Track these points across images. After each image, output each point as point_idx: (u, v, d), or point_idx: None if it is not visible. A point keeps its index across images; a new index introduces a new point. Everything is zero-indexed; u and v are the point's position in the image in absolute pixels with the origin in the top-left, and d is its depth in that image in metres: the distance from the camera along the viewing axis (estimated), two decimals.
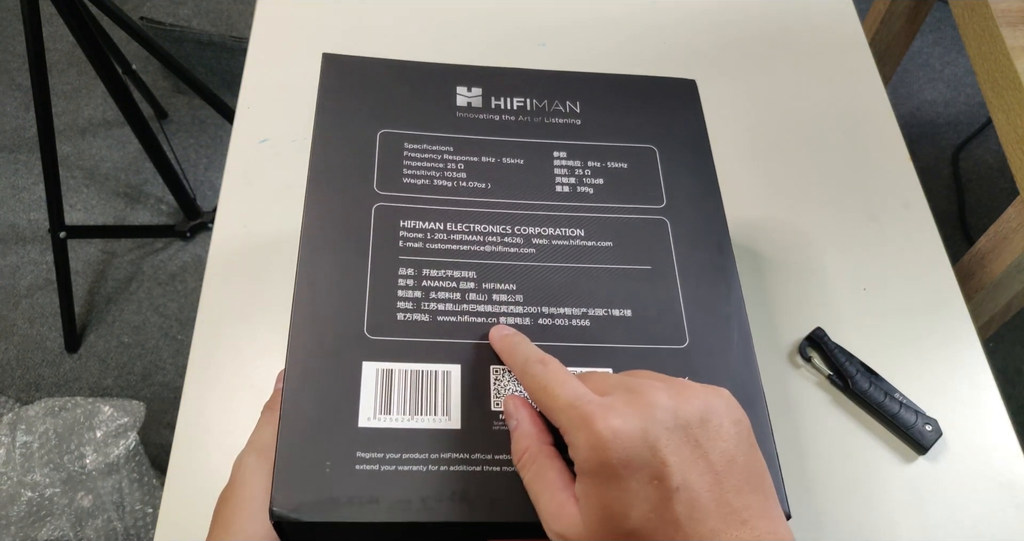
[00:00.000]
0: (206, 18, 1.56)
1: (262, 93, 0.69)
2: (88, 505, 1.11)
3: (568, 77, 0.51)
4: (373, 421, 0.37)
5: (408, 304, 0.40)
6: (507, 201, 0.45)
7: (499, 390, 0.38)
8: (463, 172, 0.45)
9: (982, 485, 0.52)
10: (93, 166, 1.60)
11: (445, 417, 0.37)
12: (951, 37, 1.81)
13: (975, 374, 0.56)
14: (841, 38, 0.75)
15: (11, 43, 1.78)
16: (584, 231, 0.44)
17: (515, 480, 0.36)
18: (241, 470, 0.39)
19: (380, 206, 0.43)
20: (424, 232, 0.43)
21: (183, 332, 1.40)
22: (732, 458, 0.31)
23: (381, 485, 0.35)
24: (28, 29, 1.08)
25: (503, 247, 0.43)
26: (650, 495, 0.30)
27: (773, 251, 0.61)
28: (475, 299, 0.41)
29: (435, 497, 0.35)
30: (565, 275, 0.43)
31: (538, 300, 0.41)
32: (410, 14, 0.75)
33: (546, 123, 0.48)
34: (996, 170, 1.61)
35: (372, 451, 0.36)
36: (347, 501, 0.34)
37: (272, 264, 0.59)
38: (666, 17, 0.76)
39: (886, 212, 0.64)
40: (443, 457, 0.36)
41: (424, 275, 0.41)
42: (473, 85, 0.49)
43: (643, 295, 0.42)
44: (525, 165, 0.46)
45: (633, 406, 0.31)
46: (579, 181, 0.46)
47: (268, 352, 0.55)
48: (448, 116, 0.48)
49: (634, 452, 0.30)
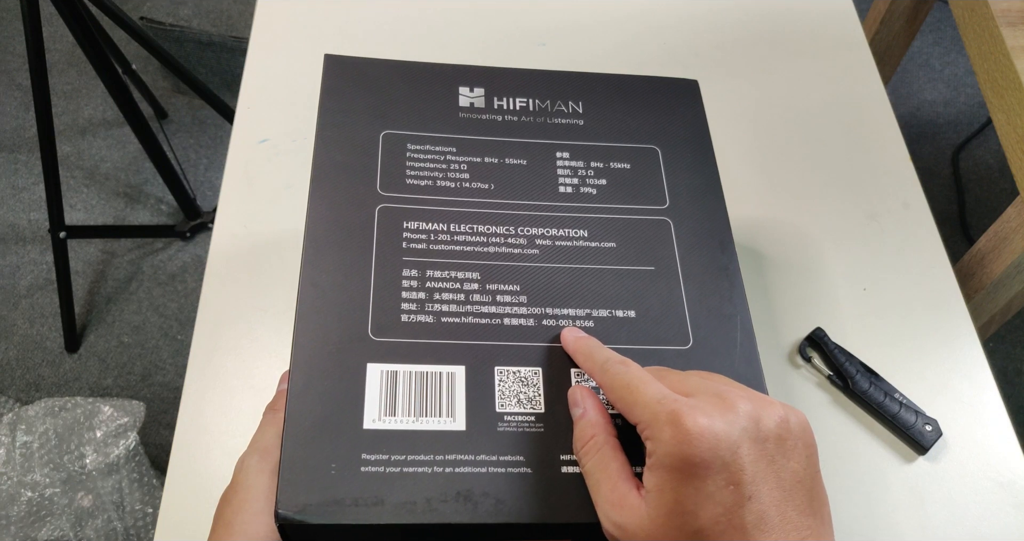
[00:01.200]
0: (206, 18, 1.55)
1: (262, 93, 0.69)
2: (88, 505, 1.11)
3: (570, 77, 0.51)
4: (378, 423, 0.37)
5: (412, 305, 0.40)
6: (510, 202, 0.45)
7: (503, 391, 0.38)
8: (466, 173, 0.45)
9: (982, 485, 0.52)
10: (93, 166, 1.60)
11: (450, 418, 0.37)
12: (951, 37, 1.81)
13: (975, 374, 0.56)
14: (841, 38, 0.75)
15: (11, 43, 1.78)
16: (587, 232, 0.44)
17: (520, 481, 0.36)
18: (243, 471, 0.39)
19: (383, 207, 0.43)
20: (428, 233, 0.43)
21: (183, 332, 1.40)
22: (800, 480, 0.32)
23: (386, 487, 0.35)
24: (28, 29, 1.08)
25: (507, 248, 0.43)
26: (724, 498, 0.31)
27: (773, 251, 0.61)
28: (479, 300, 0.41)
29: (440, 498, 0.35)
30: (569, 276, 0.43)
31: (542, 301, 0.41)
32: (410, 14, 0.75)
33: (549, 123, 0.48)
34: (996, 170, 1.61)
35: (377, 453, 0.36)
36: (352, 503, 0.34)
37: (272, 264, 0.59)
38: (666, 17, 0.76)
39: (886, 212, 0.64)
40: (448, 458, 0.36)
41: (428, 276, 0.41)
42: (475, 85, 0.49)
43: (647, 296, 0.42)
44: (528, 166, 0.46)
45: (720, 410, 0.32)
46: (582, 182, 0.46)
47: (268, 352, 0.55)
48: (451, 116, 0.47)
49: (717, 454, 0.31)
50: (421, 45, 0.73)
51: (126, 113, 1.21)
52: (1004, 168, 1.60)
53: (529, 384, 0.39)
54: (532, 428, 0.37)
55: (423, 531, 0.35)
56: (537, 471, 0.36)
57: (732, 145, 0.66)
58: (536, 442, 0.37)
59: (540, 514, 0.35)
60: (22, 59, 1.75)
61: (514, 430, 0.37)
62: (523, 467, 0.36)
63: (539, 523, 0.34)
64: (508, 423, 0.37)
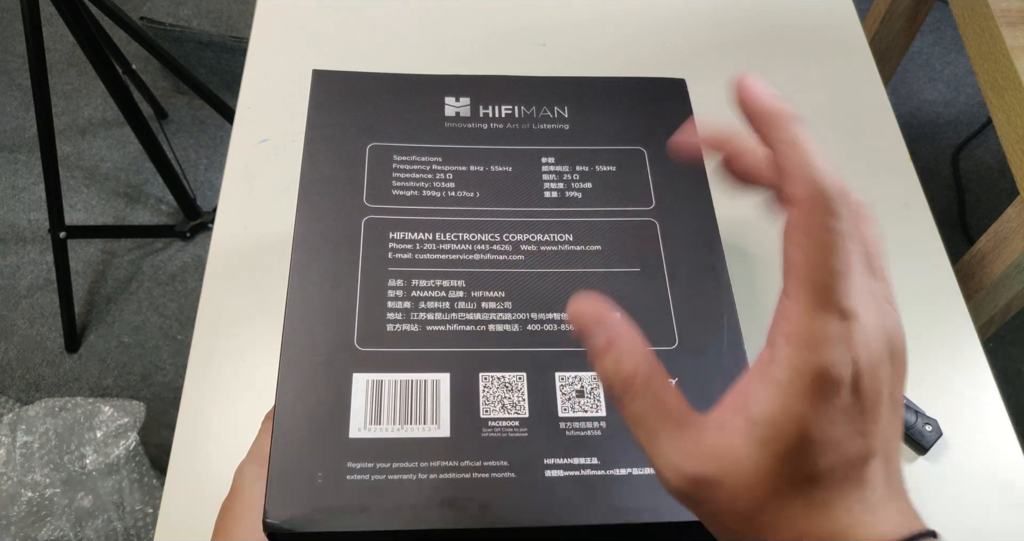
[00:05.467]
0: (206, 18, 1.55)
1: (262, 93, 0.69)
2: (88, 505, 1.11)
3: (556, 82, 0.51)
4: (363, 431, 0.37)
5: (398, 315, 0.41)
6: (496, 209, 0.45)
7: (488, 397, 0.39)
8: (451, 182, 0.46)
9: (982, 485, 0.52)
10: (93, 166, 1.60)
11: (435, 425, 0.37)
12: (951, 37, 1.81)
13: (975, 374, 0.56)
14: (841, 38, 0.75)
15: (11, 43, 1.78)
16: (572, 236, 0.44)
17: (505, 486, 0.36)
18: (241, 480, 0.40)
19: (369, 219, 0.44)
20: (413, 243, 0.43)
21: (183, 332, 1.40)
22: None
23: (371, 494, 0.35)
24: (28, 29, 1.08)
25: (492, 255, 0.43)
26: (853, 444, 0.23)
27: (768, 252, 0.61)
28: (464, 307, 0.41)
29: (424, 505, 0.35)
30: (554, 280, 0.43)
31: (527, 306, 0.42)
32: (410, 14, 0.75)
33: (534, 129, 0.49)
34: (996, 170, 1.61)
35: (362, 461, 0.36)
36: (338, 510, 0.35)
37: (272, 264, 0.59)
38: (666, 17, 0.76)
39: (886, 212, 0.64)
40: (432, 465, 0.36)
41: (413, 285, 0.42)
42: (461, 95, 0.49)
43: (632, 297, 0.42)
44: (513, 172, 0.46)
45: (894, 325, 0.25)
46: (567, 186, 0.46)
47: (268, 352, 0.55)
48: (436, 126, 0.48)
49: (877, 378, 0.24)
50: (421, 46, 0.73)
51: (126, 113, 1.21)
52: (1004, 168, 1.60)
53: (513, 389, 0.39)
54: (516, 433, 0.38)
55: (410, 538, 0.35)
56: (521, 475, 0.36)
57: None
58: (520, 446, 0.37)
59: (524, 518, 0.35)
60: (22, 59, 1.75)
61: (498, 435, 0.37)
62: (507, 472, 0.36)
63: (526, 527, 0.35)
64: (492, 428, 0.38)
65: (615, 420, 0.38)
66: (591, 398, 0.39)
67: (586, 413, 0.38)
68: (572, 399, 0.39)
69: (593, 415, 0.38)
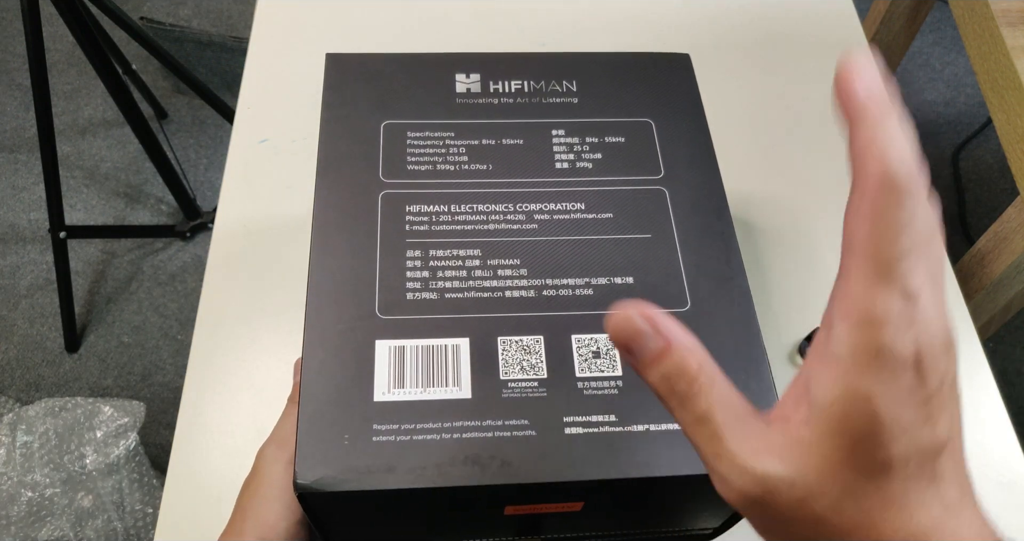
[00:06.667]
0: (206, 18, 1.56)
1: (262, 93, 0.69)
2: (88, 505, 1.11)
3: (564, 58, 0.52)
4: (388, 395, 0.38)
5: (417, 284, 0.42)
6: (508, 180, 0.46)
7: (507, 359, 0.40)
8: (464, 155, 0.47)
9: (982, 485, 0.52)
10: (93, 166, 1.60)
11: (456, 388, 0.39)
12: (951, 37, 1.81)
13: (975, 374, 0.56)
14: (841, 38, 0.75)
15: (11, 43, 1.78)
16: (584, 204, 0.45)
17: (526, 443, 0.37)
18: (262, 460, 0.41)
19: (386, 194, 0.45)
20: (429, 215, 0.44)
21: (183, 332, 1.40)
22: None
23: (397, 454, 0.36)
24: (28, 29, 1.08)
25: (506, 224, 0.44)
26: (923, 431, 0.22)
27: (773, 252, 0.61)
28: (481, 275, 0.42)
29: (449, 463, 0.36)
30: (567, 247, 0.44)
31: (542, 273, 0.43)
32: (410, 15, 0.75)
33: (544, 103, 0.50)
34: (996, 170, 1.61)
35: (388, 423, 0.37)
36: (365, 470, 0.36)
37: (272, 264, 0.59)
38: (666, 17, 0.76)
39: None
40: (455, 425, 0.37)
41: (431, 256, 0.43)
42: (472, 71, 0.51)
43: (644, 262, 0.43)
44: (525, 145, 0.47)
45: None
46: (578, 157, 0.47)
47: (268, 352, 0.55)
48: (448, 103, 0.49)
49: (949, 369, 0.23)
50: (421, 46, 0.73)
51: (126, 113, 1.21)
52: (1004, 168, 1.60)
53: (531, 352, 0.40)
54: (535, 393, 0.39)
55: (434, 496, 0.36)
56: (541, 433, 0.37)
57: (732, 145, 0.66)
58: (539, 406, 0.38)
59: (546, 473, 0.36)
60: (22, 59, 1.75)
61: (518, 396, 0.38)
62: (528, 430, 0.37)
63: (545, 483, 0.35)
64: (512, 389, 0.39)
65: (631, 379, 0.39)
66: (607, 358, 0.40)
67: (603, 373, 0.39)
68: (589, 360, 0.40)
69: (610, 375, 0.39)
